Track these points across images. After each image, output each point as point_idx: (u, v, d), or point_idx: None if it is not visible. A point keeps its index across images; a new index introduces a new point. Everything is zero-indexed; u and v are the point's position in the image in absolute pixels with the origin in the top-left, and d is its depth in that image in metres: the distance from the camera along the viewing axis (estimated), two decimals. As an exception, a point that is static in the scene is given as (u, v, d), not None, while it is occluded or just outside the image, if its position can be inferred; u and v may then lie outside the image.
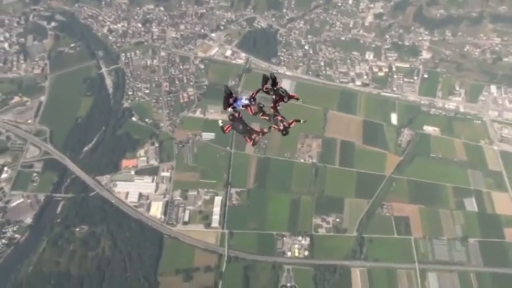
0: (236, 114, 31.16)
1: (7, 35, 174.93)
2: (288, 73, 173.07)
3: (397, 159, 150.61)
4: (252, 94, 31.21)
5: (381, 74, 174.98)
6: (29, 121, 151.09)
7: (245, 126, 30.84)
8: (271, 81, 32.88)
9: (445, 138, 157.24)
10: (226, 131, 31.47)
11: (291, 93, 32.91)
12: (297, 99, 32.96)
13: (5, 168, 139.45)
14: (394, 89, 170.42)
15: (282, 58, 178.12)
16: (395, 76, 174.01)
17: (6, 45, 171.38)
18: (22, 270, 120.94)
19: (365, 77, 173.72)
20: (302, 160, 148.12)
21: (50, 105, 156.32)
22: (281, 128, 30.98)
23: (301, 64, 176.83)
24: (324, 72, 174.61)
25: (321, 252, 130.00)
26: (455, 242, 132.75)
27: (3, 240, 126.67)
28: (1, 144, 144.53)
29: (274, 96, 32.35)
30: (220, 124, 32.35)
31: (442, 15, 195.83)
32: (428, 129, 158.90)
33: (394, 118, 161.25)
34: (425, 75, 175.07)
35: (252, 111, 30.15)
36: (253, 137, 30.90)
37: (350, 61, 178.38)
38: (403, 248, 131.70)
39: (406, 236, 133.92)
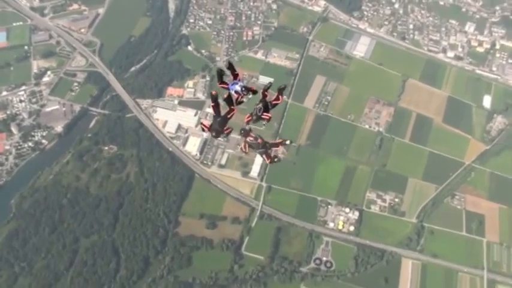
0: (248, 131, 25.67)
1: None
2: (369, 30, 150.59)
3: (481, 147, 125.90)
4: (252, 87, 24.96)
5: (480, 49, 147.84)
6: (82, 30, 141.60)
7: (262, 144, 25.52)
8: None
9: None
10: (245, 151, 25.92)
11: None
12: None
13: (48, 72, 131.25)
14: (494, 68, 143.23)
15: (365, 13, 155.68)
16: (497, 55, 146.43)
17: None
18: (42, 177, 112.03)
19: (460, 49, 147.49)
20: (367, 126, 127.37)
21: (107, 18, 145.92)
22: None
23: (386, 23, 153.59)
24: (411, 36, 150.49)
25: (370, 232, 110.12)
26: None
27: (30, 143, 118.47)
28: (50, 48, 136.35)
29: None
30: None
31: None
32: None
33: (487, 101, 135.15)
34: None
35: (237, 100, 24.58)
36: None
37: (445, 29, 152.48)
38: (470, 250, 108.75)
39: (478, 236, 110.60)
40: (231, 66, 25.08)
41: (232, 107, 24.68)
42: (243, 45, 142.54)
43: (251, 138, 25.29)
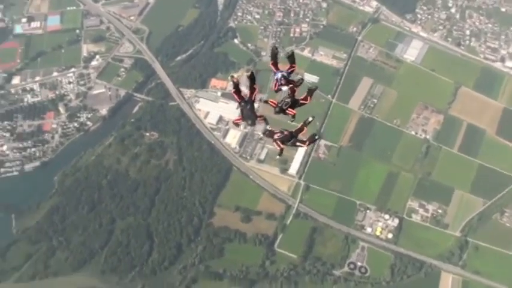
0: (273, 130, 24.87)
1: None
2: (422, 34, 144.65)
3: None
4: (292, 81, 23.58)
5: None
6: (132, 17, 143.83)
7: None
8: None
9: None
10: (281, 147, 24.83)
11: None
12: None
13: (97, 57, 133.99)
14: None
15: (419, 16, 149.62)
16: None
17: None
18: (84, 158, 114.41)
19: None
20: (413, 132, 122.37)
21: (156, 8, 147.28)
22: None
23: (441, 28, 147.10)
24: (467, 42, 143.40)
25: (409, 241, 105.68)
26: None
27: (75, 124, 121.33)
28: (100, 33, 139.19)
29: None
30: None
31: None
32: None
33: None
34: None
35: (275, 87, 23.83)
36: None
37: (505, 37, 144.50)
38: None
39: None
40: (291, 57, 24.18)
41: (254, 86, 23.42)
42: (290, 41, 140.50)
43: (278, 135, 24.53)
